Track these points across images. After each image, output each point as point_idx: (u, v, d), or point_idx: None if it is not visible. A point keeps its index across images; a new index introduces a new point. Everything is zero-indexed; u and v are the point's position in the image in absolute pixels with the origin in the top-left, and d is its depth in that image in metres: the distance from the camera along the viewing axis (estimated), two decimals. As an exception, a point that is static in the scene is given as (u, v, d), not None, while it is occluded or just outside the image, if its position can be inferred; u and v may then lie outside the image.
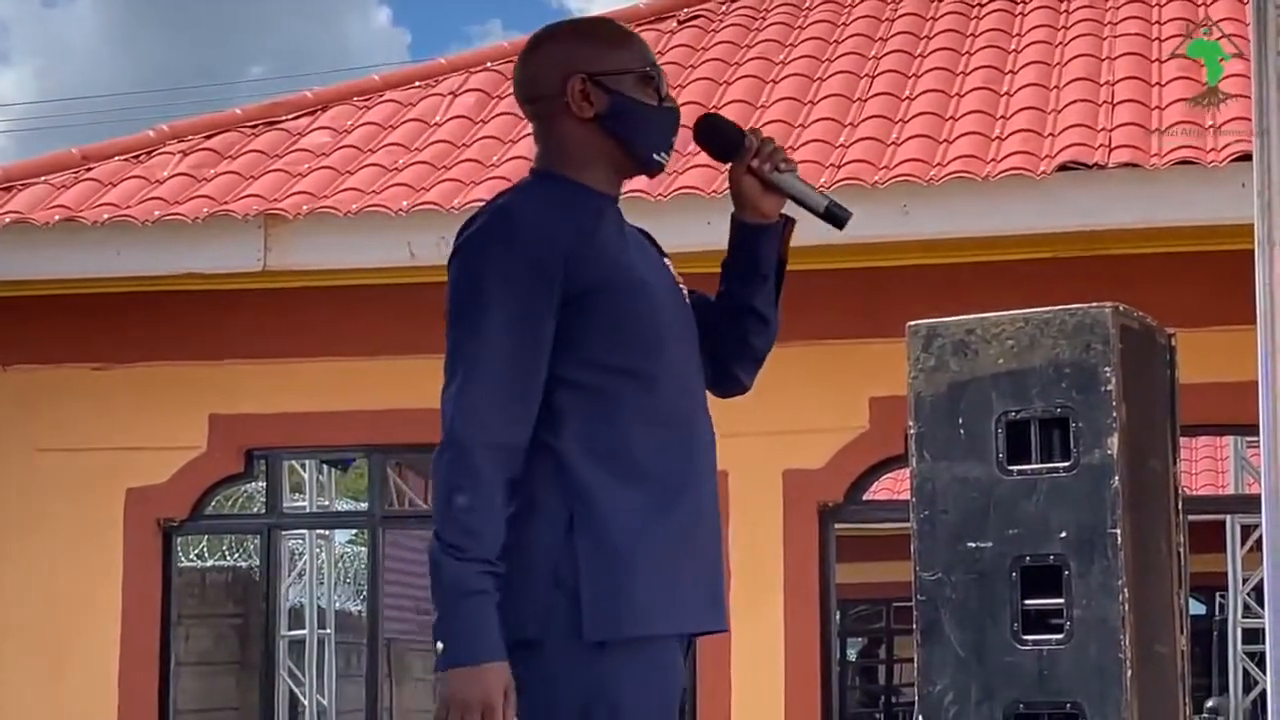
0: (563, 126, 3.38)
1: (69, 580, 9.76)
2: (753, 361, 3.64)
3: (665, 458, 3.28)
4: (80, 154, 10.26)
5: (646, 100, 3.40)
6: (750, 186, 3.46)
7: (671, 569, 3.25)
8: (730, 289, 3.56)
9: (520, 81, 3.47)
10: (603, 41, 3.43)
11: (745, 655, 9.02)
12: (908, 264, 8.83)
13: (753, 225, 3.50)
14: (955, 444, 5.21)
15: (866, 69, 10.10)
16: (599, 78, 3.36)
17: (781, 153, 3.46)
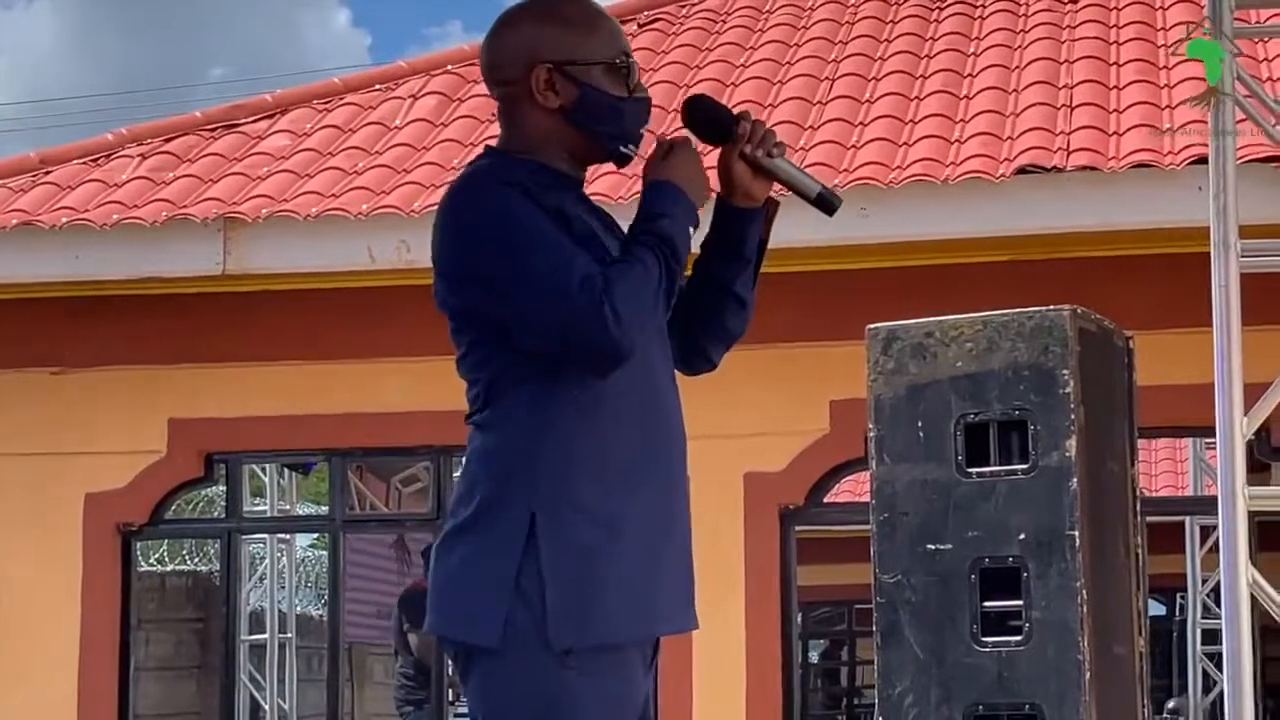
0: (528, 114, 3.30)
1: (27, 585, 9.72)
2: (725, 342, 3.60)
3: (635, 457, 3.21)
4: (38, 157, 10.22)
5: (615, 91, 3.31)
6: (741, 171, 3.41)
7: (641, 572, 3.21)
8: (711, 269, 3.50)
9: (486, 63, 3.38)
10: (572, 26, 3.31)
11: (707, 657, 9.01)
12: (867, 267, 8.84)
13: (740, 209, 3.46)
14: (914, 446, 5.23)
15: (826, 73, 10.12)
16: (566, 68, 3.27)
17: (773, 136, 3.41)
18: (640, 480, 3.22)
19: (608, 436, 3.19)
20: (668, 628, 3.32)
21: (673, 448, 3.31)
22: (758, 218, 3.48)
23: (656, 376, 3.30)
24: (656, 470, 3.25)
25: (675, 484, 3.32)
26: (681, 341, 3.48)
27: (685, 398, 9.70)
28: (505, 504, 3.16)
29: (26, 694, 9.65)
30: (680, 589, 3.34)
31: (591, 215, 3.33)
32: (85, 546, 9.72)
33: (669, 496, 3.29)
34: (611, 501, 3.18)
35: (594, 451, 3.18)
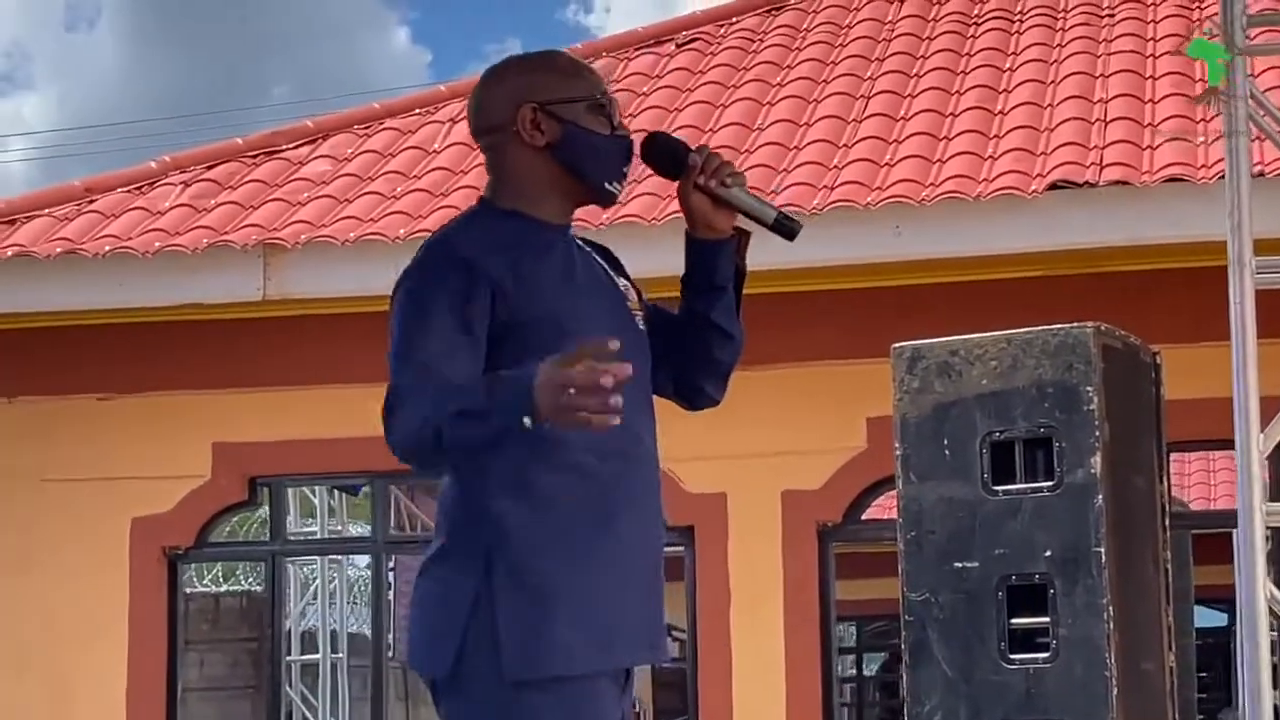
0: (514, 156, 3.39)
1: (75, 610, 9.81)
2: (719, 375, 3.63)
3: (590, 493, 3.26)
4: (83, 186, 10.32)
5: (598, 129, 3.39)
6: (700, 202, 3.45)
7: (596, 605, 3.24)
8: (690, 304, 3.55)
9: (473, 114, 3.46)
10: (554, 72, 3.43)
11: (746, 675, 9.06)
12: (902, 284, 8.88)
13: (706, 241, 3.51)
14: (941, 465, 5.26)
15: (862, 90, 10.15)
16: (550, 106, 3.36)
17: (729, 167, 3.45)
18: (601, 520, 3.27)
19: (568, 479, 3.26)
20: (628, 660, 3.35)
21: (640, 489, 3.36)
22: (726, 248, 3.52)
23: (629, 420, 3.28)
24: (619, 511, 3.30)
25: (641, 523, 3.35)
26: (678, 380, 3.55)
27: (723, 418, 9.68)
28: (465, 542, 3.24)
29: (76, 715, 9.74)
30: (646, 622, 3.36)
31: (572, 267, 3.39)
32: (132, 570, 9.81)
33: (633, 534, 3.32)
34: (568, 540, 3.24)
35: (552, 493, 3.24)
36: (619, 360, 3.06)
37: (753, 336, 10.03)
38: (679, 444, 9.14)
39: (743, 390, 9.31)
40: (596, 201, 3.47)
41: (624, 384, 3.02)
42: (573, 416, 2.99)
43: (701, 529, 9.27)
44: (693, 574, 9.32)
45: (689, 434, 9.23)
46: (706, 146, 3.51)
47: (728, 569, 9.19)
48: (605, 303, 3.42)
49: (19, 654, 9.85)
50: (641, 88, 10.73)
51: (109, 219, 9.80)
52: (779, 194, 8.83)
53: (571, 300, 3.33)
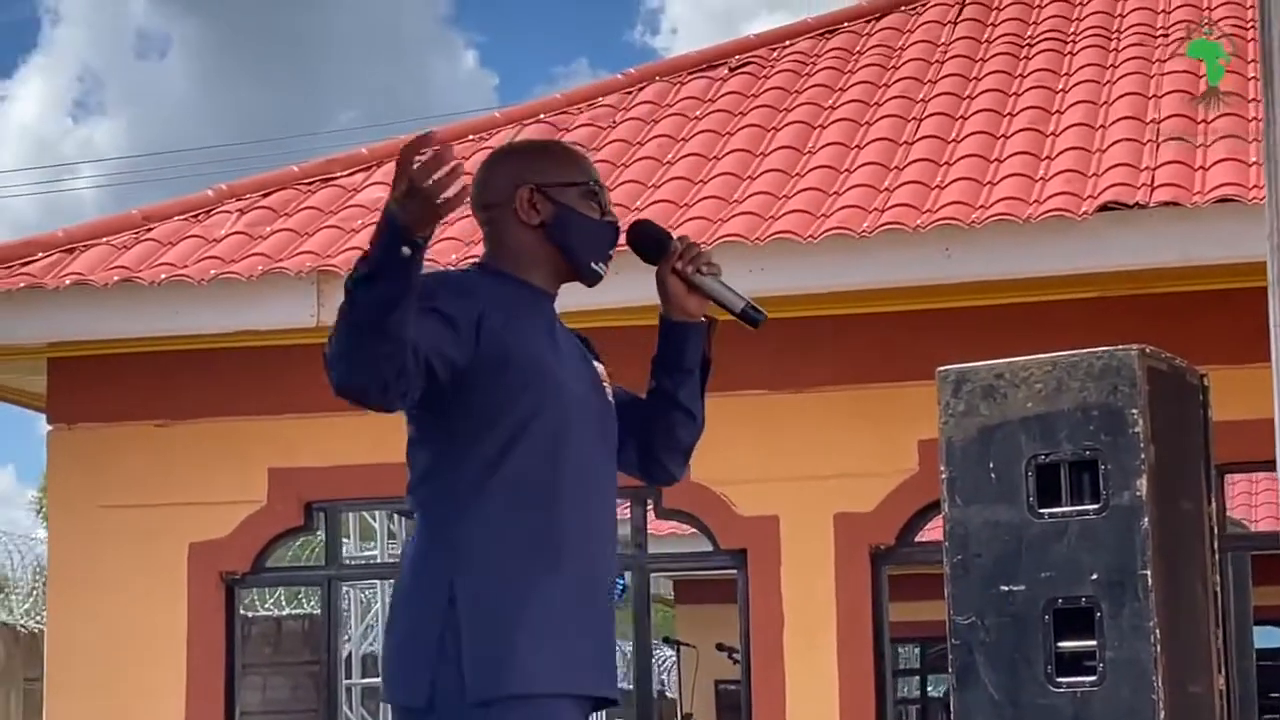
0: (511, 231, 3.66)
1: (135, 634, 9.87)
2: (680, 452, 3.87)
3: (547, 532, 3.48)
4: (141, 214, 10.41)
5: (589, 213, 3.68)
6: (675, 286, 3.73)
7: (558, 633, 3.44)
8: (658, 383, 3.80)
9: (477, 190, 3.72)
10: (551, 158, 3.75)
11: (801, 698, 9.07)
12: (952, 306, 8.88)
13: (678, 323, 3.76)
14: (986, 488, 5.27)
15: (914, 113, 10.15)
16: (546, 189, 3.65)
17: (705, 256, 3.72)
18: (561, 556, 3.48)
19: (530, 515, 3.47)
20: (589, 687, 3.52)
21: (599, 531, 3.59)
22: (696, 332, 3.76)
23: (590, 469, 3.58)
24: (579, 548, 3.51)
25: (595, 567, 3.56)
26: (640, 454, 3.81)
27: (775, 441, 9.69)
28: (432, 575, 3.47)
29: (134, 742, 9.81)
30: (602, 657, 3.57)
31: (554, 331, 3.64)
32: (190, 596, 9.87)
33: (586, 576, 3.53)
34: (529, 572, 3.45)
35: (514, 528, 3.46)
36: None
37: (804, 359, 10.11)
38: (731, 468, 9.26)
39: (795, 413, 9.44)
40: (581, 279, 3.73)
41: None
42: (425, 185, 3.25)
43: (754, 552, 9.28)
44: (746, 597, 9.32)
45: (741, 457, 9.32)
46: (687, 237, 3.79)
47: (781, 592, 9.19)
48: (582, 369, 3.68)
49: (79, 677, 9.92)
50: (694, 112, 10.76)
51: (166, 247, 9.89)
52: (829, 217, 8.85)
53: (555, 355, 3.59)
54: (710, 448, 9.27)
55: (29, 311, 9.61)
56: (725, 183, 9.55)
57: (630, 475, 3.80)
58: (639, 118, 10.83)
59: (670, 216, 9.19)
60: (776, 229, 8.79)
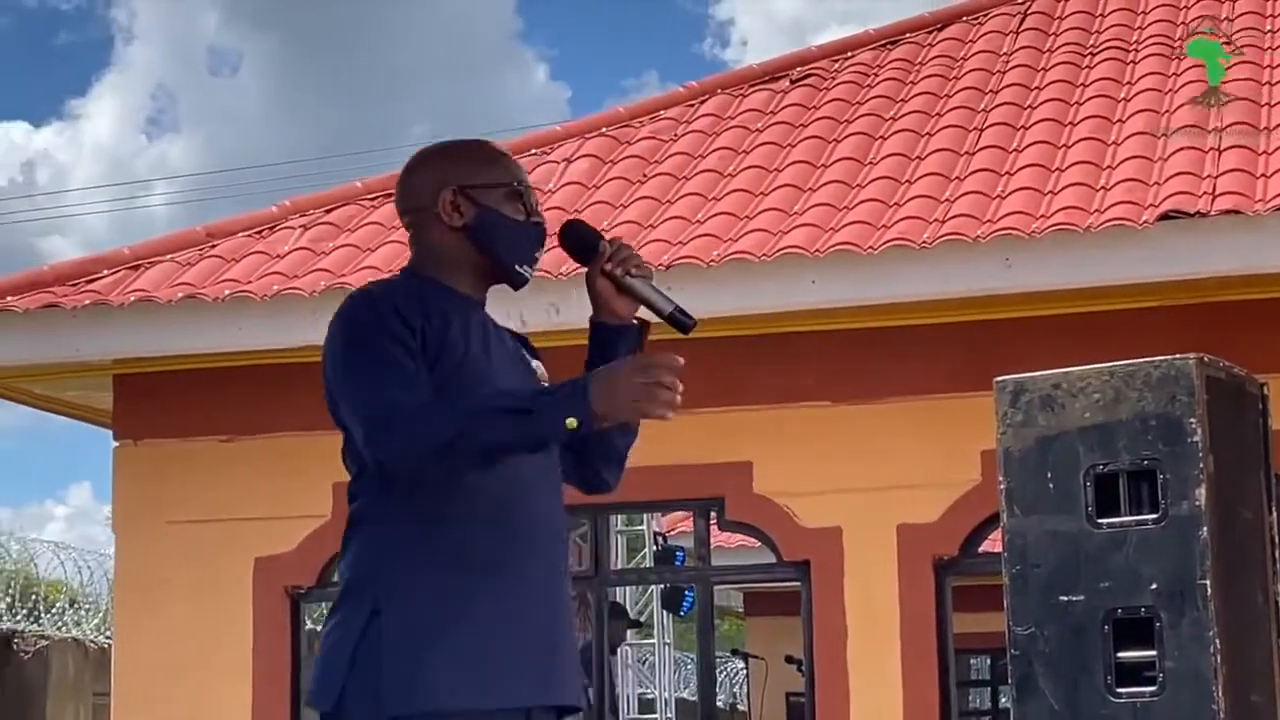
0: (434, 234, 3.64)
1: (200, 647, 9.93)
2: (614, 461, 3.79)
3: (487, 549, 3.46)
4: (205, 231, 10.49)
5: (512, 215, 3.64)
6: (604, 289, 3.66)
7: (481, 647, 3.41)
8: None
9: (400, 193, 3.73)
10: (475, 159, 3.70)
11: (864, 709, 9.05)
12: (1013, 316, 8.86)
13: (608, 326, 3.70)
14: (1045, 498, 5.25)
15: (975, 123, 10.14)
16: (469, 191, 3.62)
17: (635, 259, 3.66)
18: (491, 569, 3.46)
19: (459, 530, 3.46)
20: (512, 702, 3.47)
21: (535, 542, 3.54)
22: (626, 335, 3.70)
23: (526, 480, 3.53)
24: (512, 561, 3.48)
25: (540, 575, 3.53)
26: (576, 463, 3.74)
27: (837, 452, 9.63)
28: (359, 586, 3.49)
29: (202, 755, 9.87)
30: (542, 669, 3.52)
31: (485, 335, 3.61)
32: (255, 610, 9.92)
33: (529, 585, 3.50)
34: (455, 586, 3.43)
35: (442, 543, 3.45)
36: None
37: (865, 371, 10.07)
38: (793, 479, 9.26)
39: (857, 424, 9.43)
40: (507, 281, 3.69)
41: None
42: (652, 396, 3.29)
43: (817, 563, 9.27)
44: (809, 608, 9.31)
45: (804, 469, 9.32)
46: (619, 239, 3.71)
47: (844, 603, 9.17)
48: (518, 372, 3.64)
49: (146, 692, 9.99)
50: (755, 124, 10.76)
51: (229, 263, 9.95)
52: (889, 228, 8.84)
53: (487, 359, 3.56)
54: (772, 459, 9.39)
55: (95, 328, 9.68)
56: (786, 194, 9.55)
57: (568, 483, 3.75)
58: (701, 130, 10.84)
59: (731, 229, 9.20)
60: (837, 240, 8.78)
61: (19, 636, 13.36)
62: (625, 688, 18.66)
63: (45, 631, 13.66)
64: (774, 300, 8.86)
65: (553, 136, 11.16)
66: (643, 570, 16.90)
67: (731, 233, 9.14)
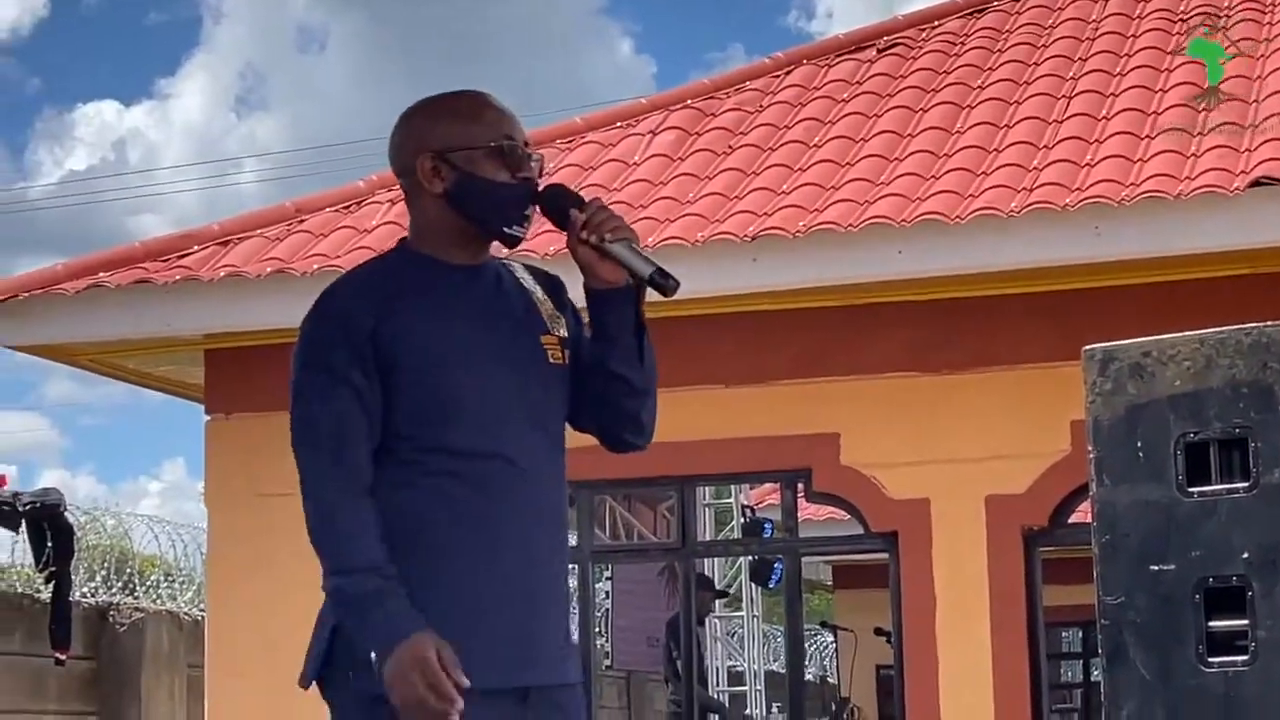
0: (420, 201, 3.56)
1: (292, 620, 9.95)
2: (630, 420, 3.68)
3: (461, 519, 3.43)
4: (294, 206, 10.55)
5: (493, 176, 3.50)
6: (586, 254, 3.52)
7: (457, 626, 3.36)
8: (593, 353, 3.63)
9: (390, 158, 3.64)
10: (455, 117, 3.56)
11: (954, 680, 9.02)
12: (1102, 285, 8.80)
13: (598, 290, 3.57)
14: (1134, 467, 5.21)
15: (1064, 91, 10.07)
16: (447, 154, 3.51)
17: (612, 222, 3.51)
18: (473, 543, 3.43)
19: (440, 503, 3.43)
20: (491, 681, 3.41)
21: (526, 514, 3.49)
22: (616, 298, 3.57)
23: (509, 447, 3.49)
24: (497, 534, 3.45)
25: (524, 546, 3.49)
26: (597, 423, 3.66)
27: (926, 423, 9.60)
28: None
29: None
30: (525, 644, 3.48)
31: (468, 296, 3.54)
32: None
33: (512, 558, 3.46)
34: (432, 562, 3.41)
35: (423, 516, 3.43)
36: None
37: (952, 341, 10.02)
38: (881, 451, 9.24)
39: (945, 395, 9.39)
40: (500, 242, 3.57)
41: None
42: (420, 703, 3.27)
43: (905, 535, 9.25)
44: (897, 580, 9.29)
45: (891, 440, 9.30)
46: (597, 201, 3.56)
47: (932, 575, 9.15)
48: (504, 336, 3.54)
49: (239, 663, 10.07)
50: (841, 94, 10.73)
51: (318, 238, 10.01)
52: (977, 197, 8.79)
53: (447, 340, 3.47)
54: (860, 431, 9.38)
55: (186, 303, 9.76)
56: (872, 165, 9.51)
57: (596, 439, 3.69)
58: (787, 101, 10.81)
59: (816, 199, 9.17)
60: (924, 210, 8.75)
61: (115, 609, 13.49)
62: (715, 660, 18.72)
63: (140, 604, 13.78)
64: (860, 271, 8.84)
65: (638, 109, 11.15)
66: (729, 542, 16.91)
67: (817, 203, 9.12)
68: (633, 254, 3.55)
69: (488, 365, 3.49)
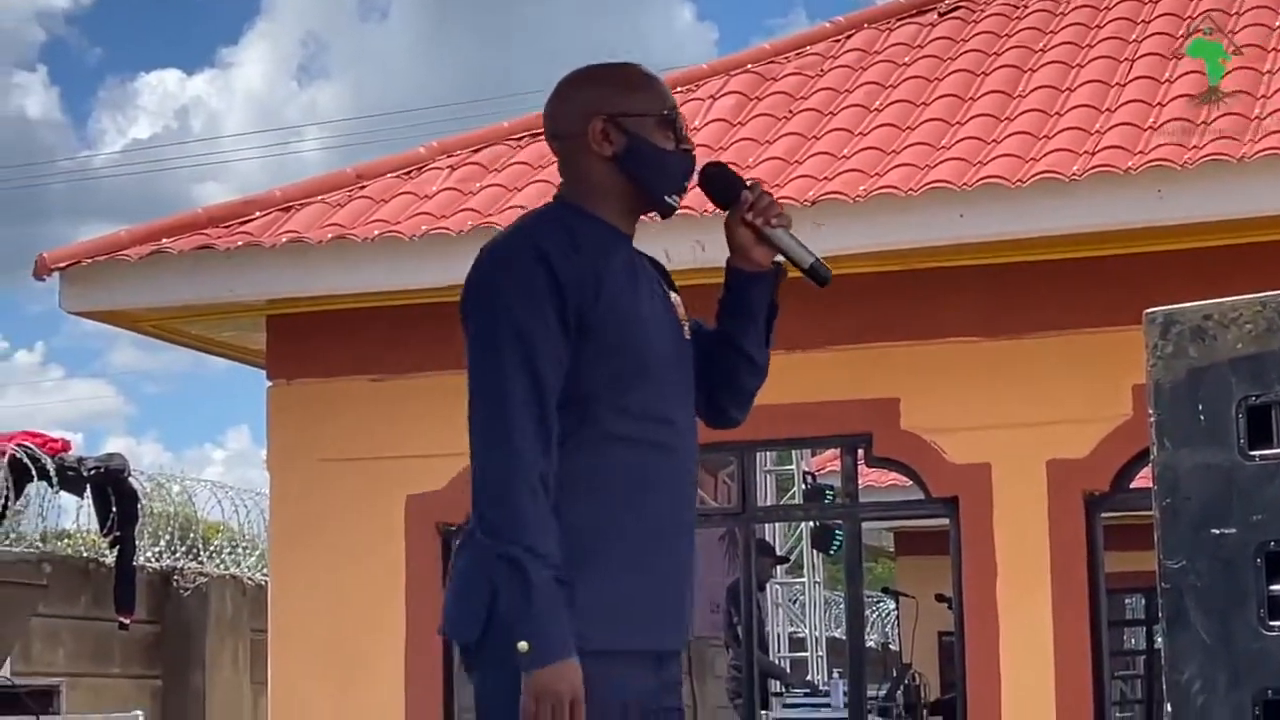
0: (584, 164, 3.59)
1: (354, 584, 10.05)
2: (743, 397, 3.78)
3: (624, 481, 3.45)
4: (355, 172, 10.58)
5: (662, 144, 3.58)
6: (744, 236, 3.62)
7: (616, 586, 3.40)
8: (723, 327, 3.71)
9: (549, 119, 3.68)
10: (625, 85, 3.63)
11: (1014, 646, 9.00)
12: (1165, 249, 8.74)
13: (745, 272, 3.67)
14: (1196, 430, 5.17)
15: (1126, 53, 10.00)
16: (619, 119, 3.56)
17: (777, 207, 3.61)
18: (631, 506, 3.45)
19: (603, 465, 3.44)
20: (647, 643, 3.47)
21: (676, 481, 3.54)
22: (762, 281, 3.68)
23: (672, 409, 3.54)
24: (652, 498, 3.48)
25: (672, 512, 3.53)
26: (707, 397, 3.72)
27: (986, 388, 9.57)
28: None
29: (355, 694, 9.99)
30: (672, 607, 3.53)
31: (633, 269, 3.56)
32: (408, 546, 10.02)
33: (664, 523, 3.50)
34: (594, 522, 3.41)
35: (584, 477, 3.43)
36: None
37: (1014, 305, 9.97)
38: (941, 415, 9.22)
39: (1006, 359, 9.36)
40: (657, 211, 3.63)
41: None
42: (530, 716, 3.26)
43: (966, 500, 9.22)
44: (958, 545, 9.28)
45: (952, 405, 9.27)
46: (759, 184, 3.65)
47: (993, 540, 9.12)
48: (660, 308, 3.60)
49: (299, 625, 10.13)
50: (903, 58, 10.68)
51: (379, 204, 10.03)
52: (1038, 161, 8.74)
53: (635, 302, 3.51)
54: (920, 395, 9.36)
55: (248, 269, 9.81)
56: (933, 129, 9.47)
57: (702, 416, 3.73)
58: (847, 65, 10.78)
59: (877, 164, 9.14)
60: (985, 174, 8.71)
61: (179, 574, 13.60)
62: (776, 626, 18.72)
63: (204, 569, 13.88)
64: (921, 235, 8.81)
65: (698, 74, 11.13)
66: (789, 506, 16.90)
67: (878, 168, 9.09)
68: (794, 242, 3.64)
69: (661, 332, 3.55)
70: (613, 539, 3.43)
